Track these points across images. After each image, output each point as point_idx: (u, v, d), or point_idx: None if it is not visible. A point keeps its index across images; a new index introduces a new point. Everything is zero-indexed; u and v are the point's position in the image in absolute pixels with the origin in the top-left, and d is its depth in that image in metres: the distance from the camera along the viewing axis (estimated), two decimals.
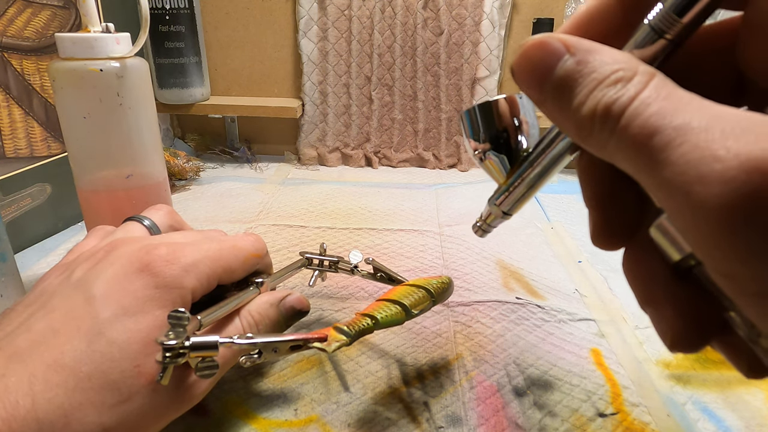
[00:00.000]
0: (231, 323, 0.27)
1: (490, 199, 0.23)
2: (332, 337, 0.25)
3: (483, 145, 0.22)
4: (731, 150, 0.12)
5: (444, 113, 0.72)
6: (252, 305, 0.28)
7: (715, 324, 0.16)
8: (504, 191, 0.22)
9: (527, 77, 0.16)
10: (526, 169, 0.21)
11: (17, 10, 0.46)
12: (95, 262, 0.24)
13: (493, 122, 0.21)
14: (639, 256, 0.18)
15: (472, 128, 0.22)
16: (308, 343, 0.25)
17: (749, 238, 0.12)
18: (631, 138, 0.14)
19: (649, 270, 0.17)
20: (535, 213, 0.58)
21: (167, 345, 0.21)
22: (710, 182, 0.12)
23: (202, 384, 0.24)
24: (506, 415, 0.29)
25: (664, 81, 0.14)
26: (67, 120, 0.38)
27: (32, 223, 0.49)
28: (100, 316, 0.22)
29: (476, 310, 0.39)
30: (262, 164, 0.75)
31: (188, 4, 0.66)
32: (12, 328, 0.22)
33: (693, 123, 0.13)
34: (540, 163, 0.21)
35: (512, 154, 0.22)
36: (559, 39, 0.16)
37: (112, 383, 0.21)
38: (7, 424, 0.19)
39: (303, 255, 0.36)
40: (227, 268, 0.27)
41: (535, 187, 0.22)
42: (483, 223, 0.25)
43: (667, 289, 0.16)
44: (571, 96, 0.15)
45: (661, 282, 0.17)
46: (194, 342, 0.22)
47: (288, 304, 0.30)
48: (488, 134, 0.22)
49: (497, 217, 0.23)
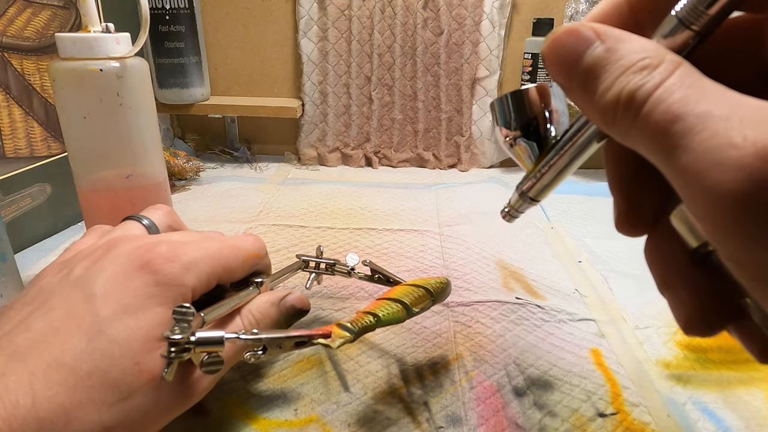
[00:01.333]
0: (232, 322, 0.27)
1: (519, 186, 0.23)
2: (336, 334, 0.25)
3: (514, 132, 0.22)
4: (748, 138, 0.12)
5: (444, 113, 0.72)
6: (252, 304, 0.28)
7: (730, 309, 0.16)
8: (532, 178, 0.23)
9: (557, 63, 0.17)
10: (554, 156, 0.21)
11: (17, 10, 0.46)
12: (94, 260, 0.24)
13: (525, 110, 0.22)
14: (660, 243, 0.18)
15: (503, 116, 0.22)
16: (312, 340, 0.25)
17: (758, 224, 0.12)
18: (653, 124, 0.14)
19: (669, 255, 0.18)
20: (535, 213, 0.58)
21: (173, 339, 0.21)
22: (726, 169, 0.12)
23: (203, 381, 0.24)
24: (506, 415, 0.29)
25: (690, 70, 0.14)
26: (67, 120, 0.38)
27: (32, 223, 0.49)
28: (100, 314, 0.22)
29: (476, 310, 0.39)
30: (262, 164, 0.75)
31: (188, 4, 0.66)
32: (11, 326, 0.22)
33: (715, 111, 0.13)
34: (567, 150, 0.21)
35: (541, 142, 0.22)
36: (590, 27, 0.16)
37: (113, 381, 0.21)
38: (7, 423, 0.19)
39: (299, 258, 0.36)
40: (227, 268, 0.27)
41: (562, 174, 0.22)
42: (511, 209, 0.25)
43: (686, 274, 0.17)
44: (597, 82, 0.15)
45: (681, 267, 0.17)
46: (200, 337, 0.22)
47: (289, 303, 0.30)
48: (519, 122, 0.22)
49: (525, 203, 0.24)
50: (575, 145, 0.21)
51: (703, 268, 0.17)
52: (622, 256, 0.48)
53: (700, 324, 0.17)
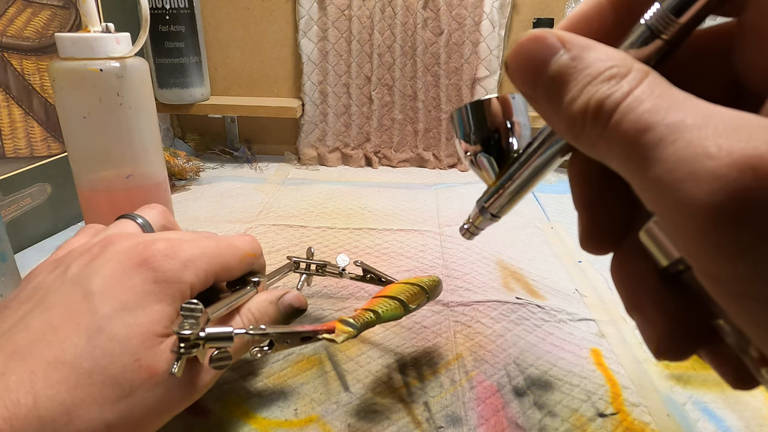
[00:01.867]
0: (232, 320, 0.27)
1: (479, 201, 0.23)
2: (339, 329, 0.26)
3: (474, 145, 0.21)
4: (723, 147, 0.12)
5: (444, 113, 0.72)
6: (251, 303, 0.28)
7: (702, 332, 0.16)
8: (493, 193, 0.22)
9: (521, 71, 0.16)
10: (516, 170, 0.21)
11: (17, 10, 0.46)
12: (91, 258, 0.24)
13: (485, 122, 0.21)
14: (628, 261, 0.18)
15: (463, 128, 0.22)
16: (317, 335, 0.26)
17: (735, 236, 0.11)
18: (623, 134, 0.13)
19: (637, 275, 0.17)
20: (535, 213, 0.58)
21: (183, 335, 0.21)
22: (701, 179, 0.12)
23: (205, 377, 0.24)
24: (506, 415, 0.29)
25: (659, 79, 0.14)
26: (67, 120, 0.38)
27: (32, 223, 0.49)
28: (100, 312, 0.22)
29: (476, 310, 0.39)
30: (262, 164, 0.75)
31: (188, 4, 0.66)
32: (9, 325, 0.22)
33: (687, 120, 0.12)
34: (530, 164, 0.20)
35: (503, 156, 0.21)
36: (555, 34, 0.16)
37: (114, 379, 0.21)
38: (9, 423, 0.18)
39: (290, 259, 0.37)
40: (225, 266, 0.27)
41: (524, 190, 0.21)
42: (471, 225, 0.24)
43: (655, 295, 0.16)
44: (564, 92, 0.15)
45: (650, 287, 0.16)
46: (210, 333, 0.22)
47: (287, 301, 0.30)
48: (479, 134, 0.21)
49: (485, 219, 0.23)
50: (538, 159, 0.20)
51: (674, 288, 0.16)
52: None
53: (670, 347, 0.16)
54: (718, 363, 0.16)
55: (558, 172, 0.72)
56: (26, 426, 0.19)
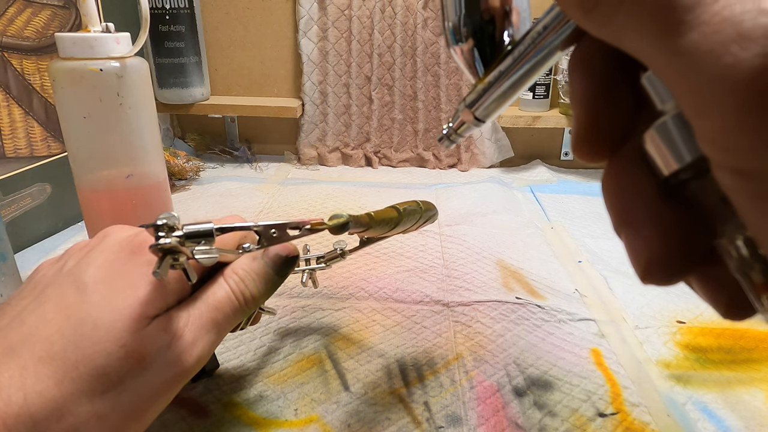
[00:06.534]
0: (215, 283, 0.25)
1: (462, 102, 0.20)
2: (330, 220, 0.25)
3: (463, 32, 0.19)
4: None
5: (444, 113, 0.72)
6: (235, 263, 0.27)
7: (698, 252, 0.14)
8: (481, 93, 0.19)
9: None
10: (510, 67, 0.18)
11: (17, 10, 0.46)
12: (87, 251, 0.24)
13: (478, 6, 0.19)
14: (623, 171, 0.16)
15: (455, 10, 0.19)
16: (305, 226, 0.25)
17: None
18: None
19: (633, 186, 0.15)
20: (535, 213, 0.58)
21: (158, 225, 0.20)
22: (754, 39, 0.09)
23: (193, 350, 0.23)
24: (506, 415, 0.29)
25: None
26: (67, 120, 0.38)
27: (32, 223, 0.49)
28: (89, 300, 0.21)
29: (476, 310, 0.39)
30: (262, 164, 0.75)
31: (188, 4, 0.66)
32: (6, 322, 0.22)
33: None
34: (527, 57, 0.17)
35: (495, 47, 0.19)
36: None
37: (100, 369, 0.20)
38: (1, 421, 0.18)
39: None
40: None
41: (516, 88, 0.19)
42: (453, 132, 0.21)
43: (651, 208, 0.14)
44: None
45: (647, 200, 0.15)
46: (188, 231, 0.21)
47: (272, 252, 0.27)
48: (471, 21, 0.19)
49: (468, 123, 0.20)
50: (536, 51, 0.17)
51: (673, 201, 0.14)
52: (622, 256, 0.47)
53: (661, 268, 0.14)
54: (709, 290, 0.14)
55: (558, 172, 0.72)
56: (19, 424, 0.19)
